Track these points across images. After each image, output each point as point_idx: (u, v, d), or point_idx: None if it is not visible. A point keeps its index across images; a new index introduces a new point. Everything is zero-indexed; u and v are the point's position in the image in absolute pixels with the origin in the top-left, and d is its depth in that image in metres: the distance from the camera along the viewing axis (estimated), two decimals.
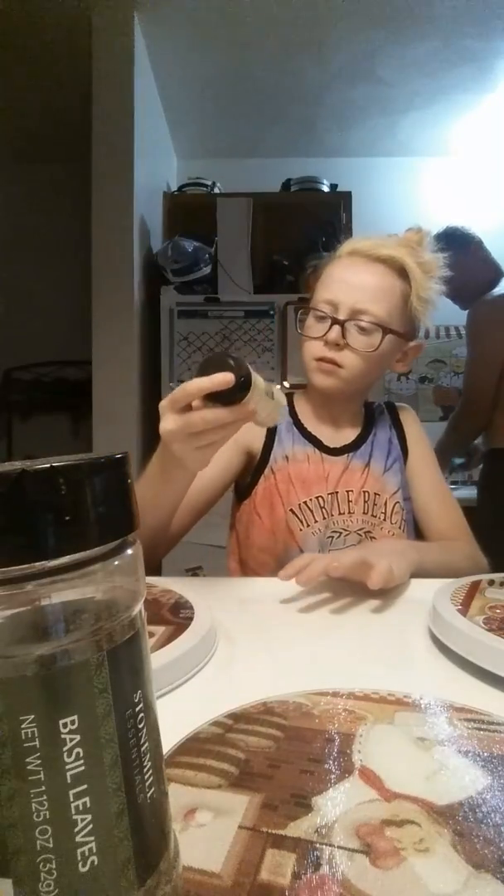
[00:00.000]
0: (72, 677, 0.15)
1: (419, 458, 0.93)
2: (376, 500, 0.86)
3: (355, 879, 0.21)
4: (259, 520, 0.86)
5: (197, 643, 0.44)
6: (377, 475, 0.88)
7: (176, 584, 0.60)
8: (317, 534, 0.84)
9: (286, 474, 0.86)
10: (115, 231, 2.09)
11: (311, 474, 0.86)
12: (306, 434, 0.89)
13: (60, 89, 2.42)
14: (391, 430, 0.93)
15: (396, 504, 0.87)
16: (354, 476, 0.87)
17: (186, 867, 0.21)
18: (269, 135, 2.79)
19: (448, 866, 0.22)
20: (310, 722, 0.32)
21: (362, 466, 0.88)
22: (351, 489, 0.86)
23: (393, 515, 0.86)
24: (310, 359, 0.82)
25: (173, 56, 2.27)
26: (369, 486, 0.86)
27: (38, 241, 3.05)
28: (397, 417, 0.95)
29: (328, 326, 0.79)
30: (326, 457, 0.88)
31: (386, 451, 0.91)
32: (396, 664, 0.46)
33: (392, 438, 0.92)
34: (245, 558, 0.89)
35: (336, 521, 0.85)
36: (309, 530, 0.84)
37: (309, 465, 0.87)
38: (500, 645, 0.41)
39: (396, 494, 0.88)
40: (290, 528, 0.84)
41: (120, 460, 0.17)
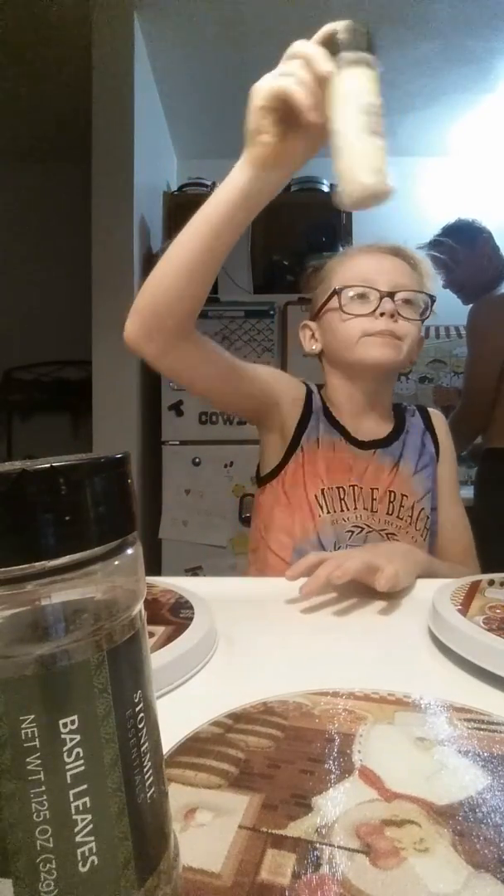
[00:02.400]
0: (72, 677, 0.15)
1: (447, 470, 0.91)
2: (403, 502, 0.84)
3: (355, 879, 0.21)
4: (285, 499, 0.85)
5: (197, 643, 0.44)
6: (406, 476, 0.86)
7: (176, 584, 0.60)
8: (336, 523, 0.82)
9: (314, 457, 0.84)
10: (115, 231, 2.09)
11: (337, 462, 0.84)
12: (334, 423, 0.88)
13: (60, 89, 2.42)
14: (425, 434, 0.91)
15: (422, 511, 0.85)
16: (382, 474, 0.85)
17: (186, 867, 0.21)
18: None
19: (448, 866, 0.22)
20: (310, 722, 0.32)
21: (391, 465, 0.86)
22: (377, 487, 0.84)
23: (418, 522, 0.84)
24: (358, 336, 0.81)
25: (173, 56, 2.27)
26: (396, 487, 0.84)
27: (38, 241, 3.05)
28: (430, 421, 0.94)
29: (376, 301, 0.79)
30: (353, 448, 0.86)
31: (418, 452, 0.88)
32: (396, 664, 0.46)
33: (426, 441, 0.90)
34: (268, 542, 0.87)
35: (360, 515, 0.83)
36: (328, 517, 0.82)
37: (335, 453, 0.85)
38: (500, 645, 0.41)
39: (423, 500, 0.85)
40: (311, 512, 0.82)
41: (120, 460, 0.17)
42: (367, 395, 0.88)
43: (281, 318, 2.16)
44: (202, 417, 2.18)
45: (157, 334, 0.71)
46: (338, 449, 0.85)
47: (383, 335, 0.80)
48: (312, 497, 0.82)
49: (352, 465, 0.84)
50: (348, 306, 0.82)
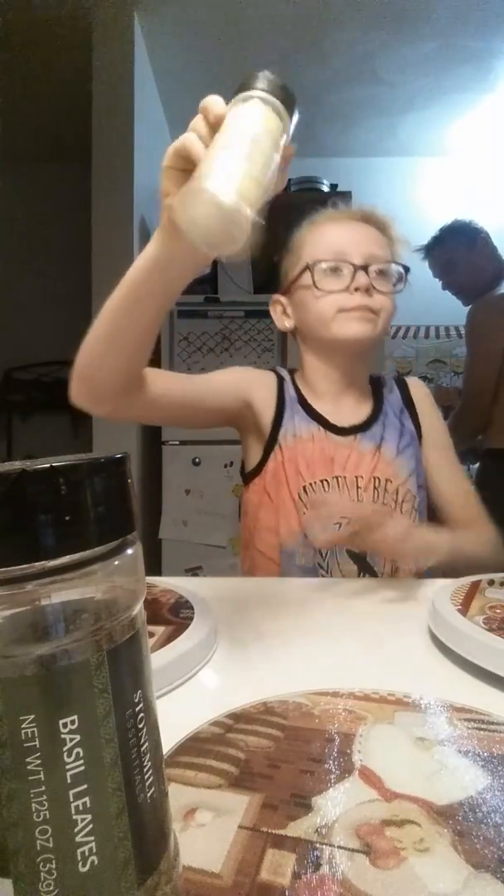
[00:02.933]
0: (72, 677, 0.15)
1: (433, 438, 0.88)
2: (387, 487, 0.81)
3: (355, 879, 0.21)
4: (268, 499, 0.83)
5: (197, 643, 0.44)
6: (389, 459, 0.83)
7: (176, 584, 0.60)
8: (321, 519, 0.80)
9: (293, 453, 0.82)
10: (115, 231, 2.09)
11: (317, 455, 0.82)
12: (310, 411, 0.85)
13: (60, 89, 2.42)
14: (402, 412, 0.88)
15: (408, 492, 0.82)
16: (364, 460, 0.82)
17: (186, 867, 0.21)
18: None
19: (448, 866, 0.22)
20: (310, 722, 0.32)
21: (373, 449, 0.83)
22: (360, 475, 0.81)
23: (403, 504, 0.82)
24: (334, 312, 0.78)
25: (173, 56, 2.27)
26: (380, 472, 0.82)
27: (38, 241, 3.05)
28: (408, 394, 0.90)
29: (350, 275, 0.77)
30: (332, 437, 0.83)
31: (398, 431, 0.85)
32: (396, 664, 0.46)
33: (404, 421, 0.87)
34: (254, 541, 0.86)
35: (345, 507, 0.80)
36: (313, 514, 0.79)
37: (314, 444, 0.82)
38: (500, 645, 0.41)
39: (409, 482, 0.83)
40: (295, 510, 0.80)
41: (120, 460, 0.17)
42: (344, 372, 0.85)
43: None
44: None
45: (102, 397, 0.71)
46: (317, 440, 0.83)
47: (359, 310, 0.77)
48: (296, 496, 0.81)
49: (333, 455, 0.82)
50: (321, 282, 0.78)
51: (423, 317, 2.74)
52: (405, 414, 0.88)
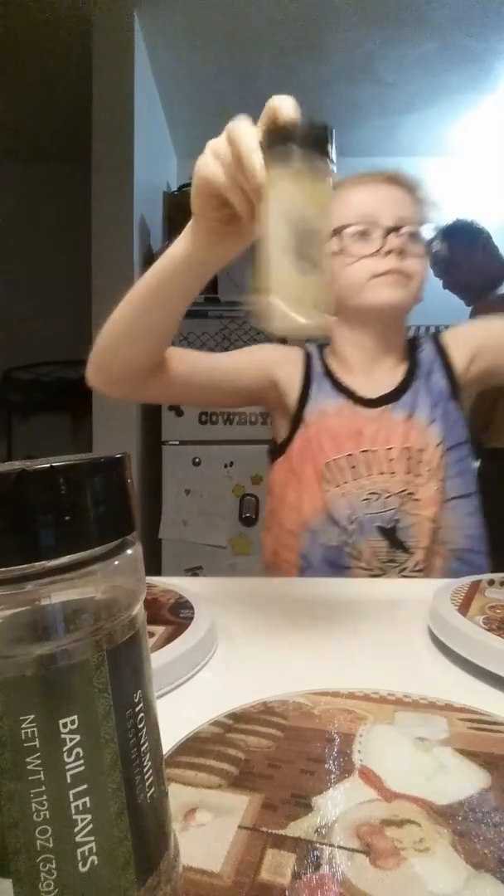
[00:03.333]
0: (72, 677, 0.15)
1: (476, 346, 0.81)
2: (421, 457, 0.77)
3: (355, 879, 0.21)
4: (294, 477, 0.80)
5: (197, 643, 0.44)
6: (422, 427, 0.78)
7: (176, 584, 0.60)
8: (348, 494, 0.76)
9: (318, 429, 0.79)
10: (115, 231, 2.09)
11: (343, 429, 0.78)
12: (338, 385, 0.81)
13: (60, 89, 2.42)
14: (436, 367, 0.82)
15: (443, 457, 0.78)
16: (395, 431, 0.78)
17: (186, 867, 0.21)
18: None
19: (448, 866, 0.22)
20: (310, 722, 0.32)
21: (405, 418, 0.78)
22: (391, 446, 0.77)
23: (438, 470, 0.77)
24: (366, 279, 0.74)
25: (173, 56, 2.27)
26: (412, 441, 0.77)
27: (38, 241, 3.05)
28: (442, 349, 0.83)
29: (380, 238, 0.73)
30: (361, 410, 0.79)
31: (431, 395, 0.80)
32: (396, 664, 0.46)
33: (436, 378, 0.81)
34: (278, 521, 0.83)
35: (375, 481, 0.77)
36: (338, 491, 0.77)
37: (340, 419, 0.79)
38: (500, 645, 0.41)
39: (441, 446, 0.78)
40: (319, 488, 0.77)
41: (120, 460, 0.17)
42: (378, 341, 0.81)
43: None
44: (202, 417, 2.18)
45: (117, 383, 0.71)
46: (344, 414, 0.79)
47: (392, 274, 0.73)
48: (319, 473, 0.78)
49: (361, 428, 0.78)
50: (350, 247, 0.74)
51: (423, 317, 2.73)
52: (437, 368, 0.82)
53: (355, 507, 0.76)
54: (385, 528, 0.76)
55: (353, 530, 0.76)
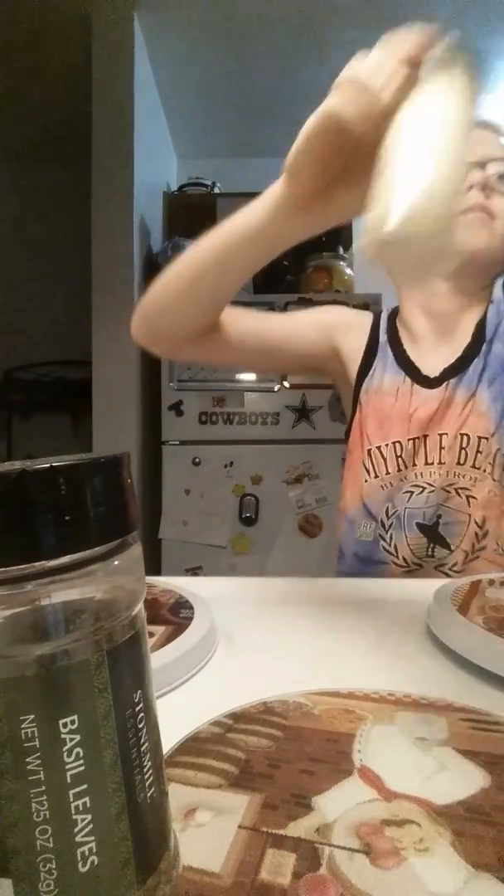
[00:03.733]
0: (72, 677, 0.15)
1: None
2: (480, 447, 0.66)
3: (355, 879, 0.21)
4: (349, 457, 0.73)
5: (197, 643, 0.44)
6: (483, 409, 0.67)
7: (176, 584, 0.60)
8: (387, 488, 0.69)
9: (370, 410, 0.71)
10: (115, 231, 2.09)
11: (394, 413, 0.69)
12: (401, 359, 0.71)
13: (60, 89, 2.42)
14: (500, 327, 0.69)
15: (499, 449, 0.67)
16: (452, 413, 0.68)
17: (186, 867, 0.21)
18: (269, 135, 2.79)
19: (448, 866, 0.22)
20: (310, 722, 0.32)
21: (466, 398, 0.67)
22: (445, 431, 0.68)
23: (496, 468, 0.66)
24: None
25: (173, 56, 2.27)
26: (470, 427, 0.67)
27: (38, 241, 3.05)
28: None
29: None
30: (420, 390, 0.69)
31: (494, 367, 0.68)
32: (396, 664, 0.46)
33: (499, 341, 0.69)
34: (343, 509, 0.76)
35: (420, 473, 0.68)
36: (377, 482, 0.69)
37: (396, 400, 0.70)
38: (500, 645, 0.41)
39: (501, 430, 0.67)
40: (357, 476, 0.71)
41: (120, 460, 0.17)
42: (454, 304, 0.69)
43: None
44: (202, 417, 2.18)
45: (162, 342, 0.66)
46: (401, 394, 0.70)
47: (475, 211, 0.63)
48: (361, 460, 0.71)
49: (415, 411, 0.69)
50: None
51: None
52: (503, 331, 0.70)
53: (395, 501, 0.69)
54: (425, 525, 0.69)
55: (390, 524, 0.70)
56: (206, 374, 2.17)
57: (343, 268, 2.30)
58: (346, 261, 2.33)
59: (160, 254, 2.20)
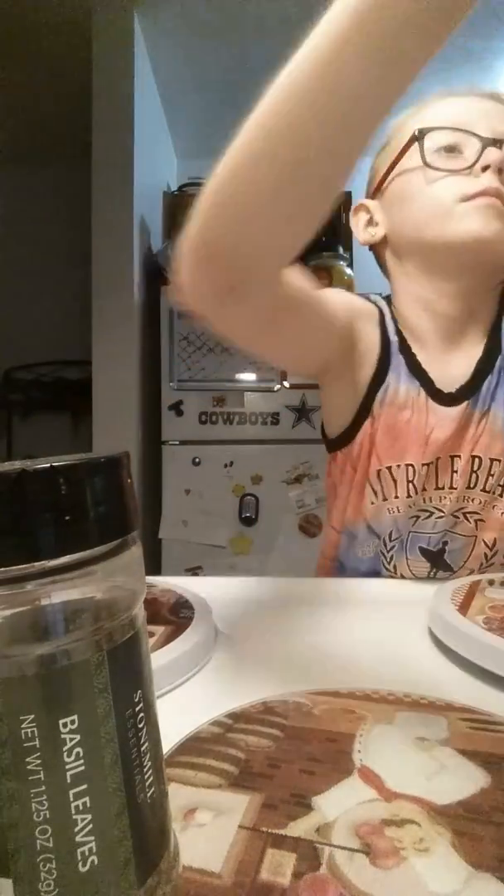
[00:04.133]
0: (72, 677, 0.15)
1: None
2: (492, 469, 0.61)
3: (355, 879, 0.21)
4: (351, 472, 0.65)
5: (197, 643, 0.44)
6: (497, 430, 0.61)
7: (176, 584, 0.60)
8: (393, 512, 0.63)
9: (381, 425, 0.62)
10: (115, 231, 2.10)
11: (410, 431, 0.61)
12: (414, 367, 0.62)
13: (60, 89, 2.42)
14: None
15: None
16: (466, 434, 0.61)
17: (186, 867, 0.21)
18: None
19: (448, 866, 0.22)
20: (310, 722, 0.32)
21: (479, 417, 0.61)
22: (458, 454, 0.61)
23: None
24: (452, 201, 0.55)
25: (173, 56, 2.27)
26: (482, 449, 0.61)
27: (38, 241, 3.05)
28: None
29: (476, 152, 0.54)
30: (435, 407, 0.61)
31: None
32: (396, 664, 0.46)
33: None
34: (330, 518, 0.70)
35: (430, 497, 0.62)
36: (384, 505, 0.63)
37: (411, 415, 0.61)
38: (500, 645, 0.41)
39: None
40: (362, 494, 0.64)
41: (119, 460, 0.17)
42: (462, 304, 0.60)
43: None
44: (202, 417, 2.18)
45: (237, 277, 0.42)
46: (414, 409, 0.61)
47: (488, 196, 0.54)
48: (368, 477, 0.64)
49: (430, 432, 0.61)
50: (436, 161, 0.56)
51: None
52: None
53: (400, 526, 0.64)
54: (429, 551, 0.64)
55: (392, 547, 0.65)
56: (206, 373, 2.17)
57: (343, 268, 2.30)
58: (345, 261, 2.33)
59: (160, 254, 2.20)
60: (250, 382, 2.17)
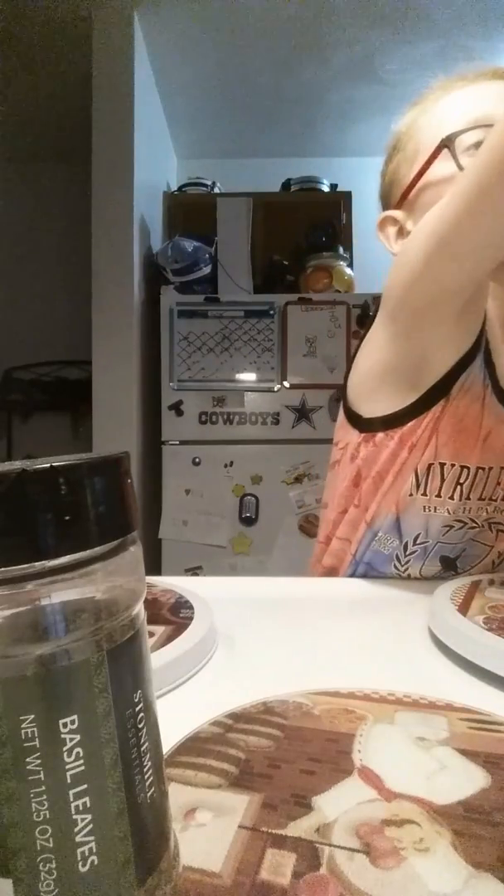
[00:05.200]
0: (72, 677, 0.15)
1: None
2: None
3: (355, 879, 0.21)
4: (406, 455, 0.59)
5: (197, 643, 0.44)
6: None
7: (176, 584, 0.60)
8: (432, 511, 0.60)
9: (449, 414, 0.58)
10: (115, 231, 2.10)
11: (471, 428, 0.57)
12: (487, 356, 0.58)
13: (60, 89, 2.42)
14: None
15: None
16: None
17: (186, 866, 0.21)
18: (269, 135, 2.79)
19: (448, 866, 0.22)
20: (310, 722, 0.32)
21: None
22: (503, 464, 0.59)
23: None
24: None
25: (173, 56, 2.27)
26: None
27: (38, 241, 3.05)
28: None
29: None
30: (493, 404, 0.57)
31: None
32: (396, 664, 0.46)
33: None
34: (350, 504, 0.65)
35: (469, 508, 0.59)
36: (422, 501, 0.59)
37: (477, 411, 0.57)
38: (500, 645, 0.41)
39: None
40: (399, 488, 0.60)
41: (120, 460, 0.17)
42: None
43: (281, 318, 2.16)
44: (202, 417, 2.18)
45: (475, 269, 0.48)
46: (483, 403, 0.58)
47: None
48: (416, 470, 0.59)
49: (489, 432, 0.58)
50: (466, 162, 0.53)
51: None
52: None
53: (430, 530, 0.61)
54: (448, 558, 0.63)
55: (414, 551, 0.62)
56: (205, 373, 2.17)
57: (343, 268, 2.30)
58: (346, 261, 2.33)
59: (160, 254, 2.20)
60: (250, 382, 2.17)
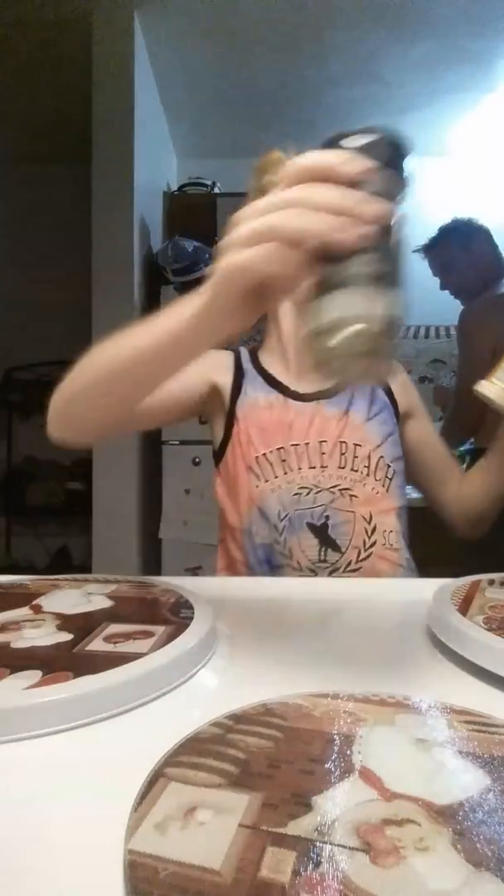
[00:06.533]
0: None
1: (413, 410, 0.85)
2: (357, 452, 0.76)
3: (355, 877, 0.21)
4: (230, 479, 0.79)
5: (197, 643, 0.44)
6: (357, 423, 0.78)
7: (176, 584, 0.61)
8: (277, 490, 0.75)
9: (247, 423, 0.78)
10: (115, 231, 2.10)
11: (273, 422, 0.77)
12: (270, 379, 0.81)
13: (60, 89, 2.43)
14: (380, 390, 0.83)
15: (381, 459, 0.77)
16: (329, 424, 0.78)
17: (187, 864, 0.22)
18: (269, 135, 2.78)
19: (448, 864, 0.22)
20: (310, 723, 0.32)
21: (339, 414, 0.78)
22: (325, 439, 0.76)
23: (377, 471, 0.76)
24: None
25: (173, 56, 2.27)
26: (347, 436, 0.77)
27: (38, 241, 3.05)
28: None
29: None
30: (292, 403, 0.79)
31: (368, 399, 0.81)
32: (396, 665, 0.46)
33: (376, 390, 0.82)
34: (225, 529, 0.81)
35: (305, 476, 0.75)
36: (267, 486, 0.75)
37: (271, 412, 0.78)
38: (500, 645, 0.41)
39: (381, 448, 0.78)
40: (248, 485, 0.76)
41: None
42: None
43: None
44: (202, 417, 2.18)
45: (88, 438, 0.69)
46: (275, 407, 0.79)
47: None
48: (249, 466, 0.77)
49: (292, 421, 0.77)
50: None
51: (423, 317, 2.74)
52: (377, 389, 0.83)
53: (285, 503, 0.75)
54: (315, 525, 0.75)
55: (283, 527, 0.74)
56: None
57: None
58: None
59: (160, 254, 2.20)
60: None
